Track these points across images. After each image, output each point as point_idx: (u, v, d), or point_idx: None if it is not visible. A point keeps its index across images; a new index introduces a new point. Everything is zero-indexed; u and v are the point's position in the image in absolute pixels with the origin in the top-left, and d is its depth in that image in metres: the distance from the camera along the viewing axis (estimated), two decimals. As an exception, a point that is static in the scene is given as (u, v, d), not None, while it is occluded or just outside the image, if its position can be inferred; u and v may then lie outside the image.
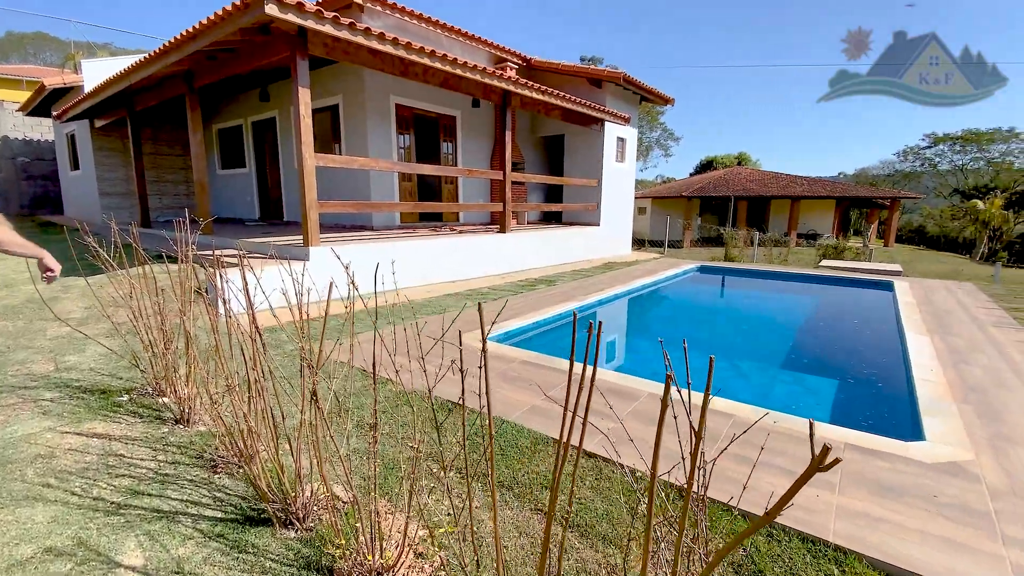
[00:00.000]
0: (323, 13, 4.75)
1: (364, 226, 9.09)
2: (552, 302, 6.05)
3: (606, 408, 3.00)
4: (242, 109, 11.50)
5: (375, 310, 2.06)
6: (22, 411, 2.86)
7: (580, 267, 9.59)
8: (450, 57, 6.17)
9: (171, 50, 5.85)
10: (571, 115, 9.74)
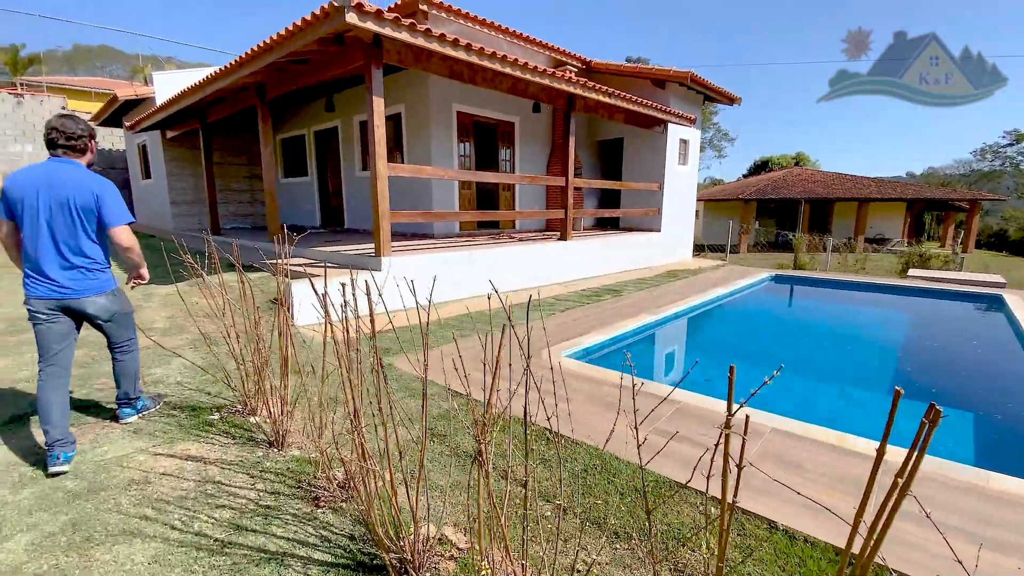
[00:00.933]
0: (400, 20, 4.66)
1: (425, 234, 9.05)
2: (624, 315, 5.74)
3: (732, 447, 2.69)
4: (305, 119, 11.78)
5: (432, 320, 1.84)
6: (111, 430, 2.83)
7: (642, 275, 9.19)
8: (520, 61, 5.99)
9: (247, 62, 5.94)
10: (634, 117, 9.39)
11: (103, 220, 2.56)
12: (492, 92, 9.23)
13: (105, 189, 2.56)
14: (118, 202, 2.60)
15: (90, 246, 2.57)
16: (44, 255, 2.47)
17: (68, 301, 2.54)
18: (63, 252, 2.50)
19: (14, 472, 2.39)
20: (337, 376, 2.37)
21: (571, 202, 8.13)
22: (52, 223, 2.46)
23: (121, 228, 2.60)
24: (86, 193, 2.50)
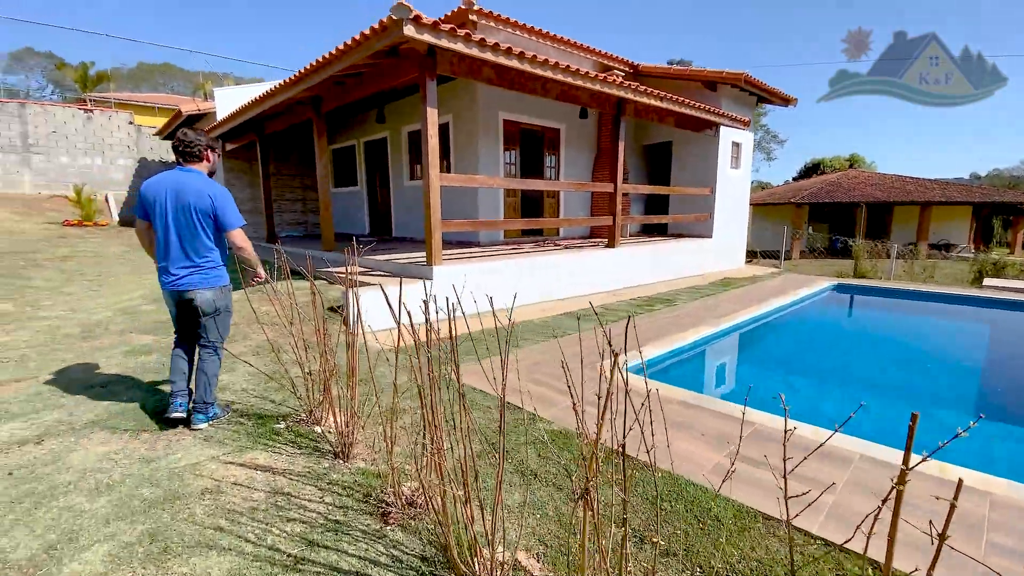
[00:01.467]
0: (456, 31, 4.68)
1: (470, 242, 9.08)
2: (680, 326, 5.52)
3: (817, 473, 2.50)
4: (356, 131, 12.12)
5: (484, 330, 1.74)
6: (183, 437, 2.91)
7: (694, 283, 8.89)
8: (572, 68, 5.91)
9: (305, 76, 6.13)
10: (685, 120, 9.13)
11: (220, 223, 2.87)
12: (539, 100, 9.19)
13: (221, 195, 2.87)
14: (232, 207, 2.90)
15: (207, 246, 2.89)
16: (171, 252, 2.84)
17: (183, 293, 2.88)
18: (186, 250, 2.85)
19: (91, 479, 2.48)
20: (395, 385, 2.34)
21: (620, 208, 7.96)
22: (177, 224, 2.81)
23: (236, 231, 2.92)
24: (204, 198, 2.81)
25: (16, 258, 8.31)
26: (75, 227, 12.62)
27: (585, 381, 3.78)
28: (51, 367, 3.98)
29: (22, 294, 6.19)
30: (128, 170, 16.21)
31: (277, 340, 4.59)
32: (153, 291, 6.42)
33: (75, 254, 9.20)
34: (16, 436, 2.89)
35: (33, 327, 4.92)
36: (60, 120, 15.03)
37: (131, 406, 3.31)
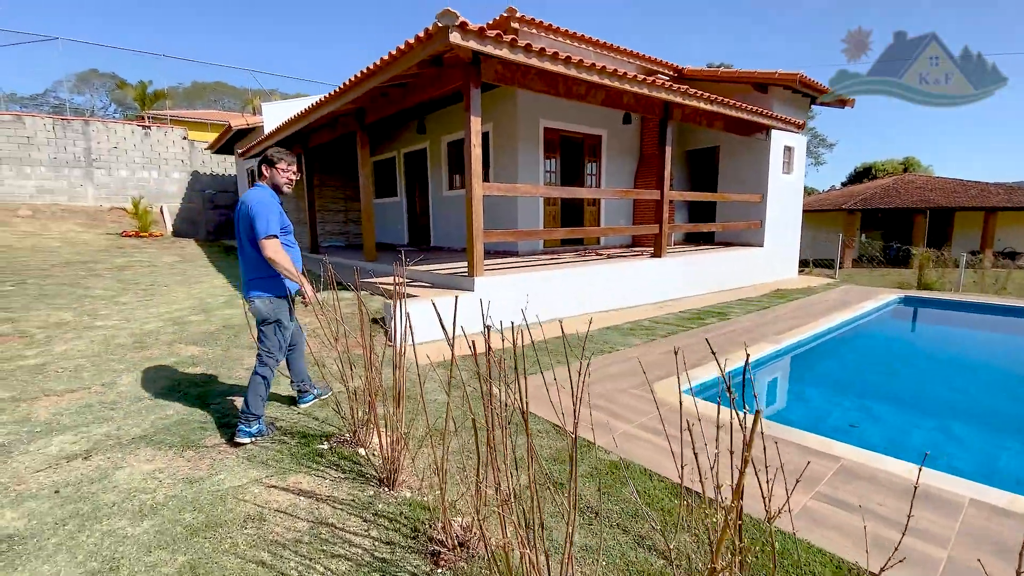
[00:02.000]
0: (502, 36, 4.55)
1: (509, 252, 8.93)
2: (738, 343, 5.17)
3: (921, 521, 2.17)
4: (396, 142, 12.23)
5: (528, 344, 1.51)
6: (227, 456, 2.82)
7: (745, 295, 8.43)
8: (620, 71, 5.69)
9: (350, 88, 6.14)
10: (735, 124, 8.73)
11: (253, 232, 2.89)
12: (579, 106, 9.01)
13: (253, 203, 2.89)
14: (263, 215, 2.86)
15: (254, 254, 2.95)
16: (240, 261, 3.08)
17: (246, 301, 3.03)
18: (243, 258, 3.04)
19: (135, 500, 2.40)
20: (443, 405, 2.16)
21: (667, 216, 7.63)
22: (238, 236, 3.04)
23: (263, 240, 2.85)
24: (244, 207, 2.92)
25: (78, 268, 8.70)
26: (132, 238, 13.23)
27: (637, 402, 3.51)
28: (103, 378, 4.03)
29: (81, 303, 6.41)
30: (181, 183, 16.95)
31: (320, 353, 4.53)
32: (201, 302, 6.53)
33: (131, 264, 9.58)
34: (65, 451, 2.88)
35: (89, 336, 5.04)
36: (120, 136, 15.88)
37: (176, 420, 3.27)
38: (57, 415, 3.36)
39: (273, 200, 2.98)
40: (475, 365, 1.91)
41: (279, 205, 3.03)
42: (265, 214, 2.85)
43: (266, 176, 3.06)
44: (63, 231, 13.18)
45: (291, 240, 3.13)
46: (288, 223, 3.10)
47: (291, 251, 3.06)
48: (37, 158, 14.66)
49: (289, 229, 3.11)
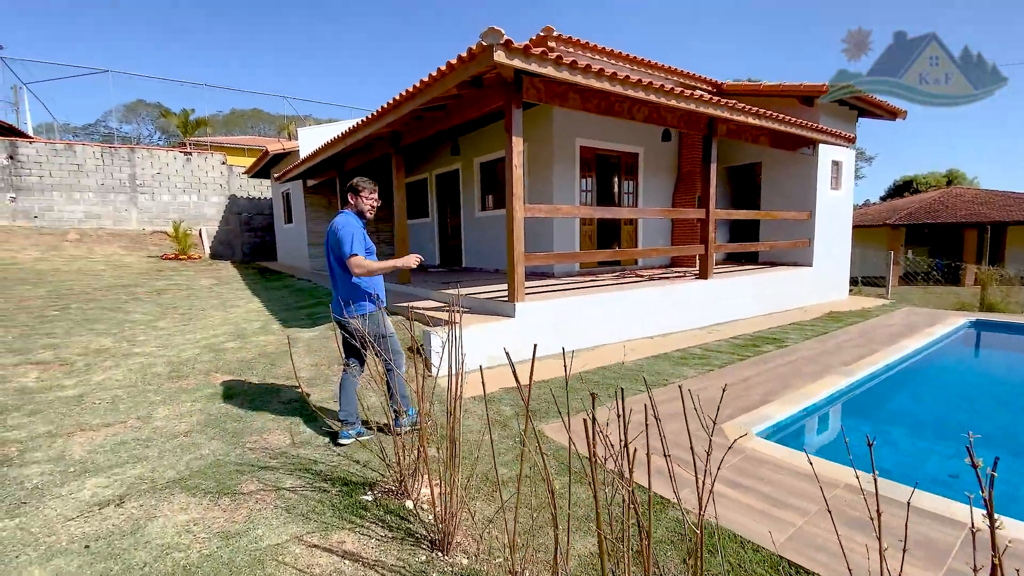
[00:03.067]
0: (546, 54, 4.37)
1: (544, 273, 8.67)
2: (804, 374, 4.75)
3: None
4: (429, 164, 12.24)
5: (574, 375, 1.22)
6: (265, 505, 2.60)
7: (796, 318, 7.93)
8: (666, 87, 5.45)
9: (387, 112, 6.07)
10: (782, 139, 8.36)
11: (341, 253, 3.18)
12: (615, 124, 8.80)
13: (339, 228, 3.19)
14: (347, 237, 3.14)
15: (342, 274, 3.25)
16: (332, 284, 3.39)
17: (339, 318, 3.26)
18: (336, 281, 3.32)
19: (168, 560, 2.19)
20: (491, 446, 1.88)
21: (712, 236, 7.27)
22: (328, 260, 3.31)
23: (348, 260, 3.14)
24: (332, 233, 3.22)
25: (120, 292, 8.84)
26: (172, 260, 13.53)
27: (706, 447, 3.15)
28: (139, 410, 3.91)
29: (121, 328, 6.43)
30: (219, 206, 17.38)
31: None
32: (237, 327, 6.47)
33: (170, 287, 9.70)
34: (98, 496, 2.71)
35: (127, 364, 4.98)
36: (163, 162, 16.43)
37: (211, 461, 3.09)
38: (92, 452, 3.22)
39: (357, 224, 3.26)
40: (520, 398, 1.62)
41: (363, 228, 3.31)
42: (349, 237, 3.15)
43: (351, 203, 3.36)
44: (107, 254, 13.58)
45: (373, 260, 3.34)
46: (371, 244, 3.35)
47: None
48: (86, 184, 15.26)
49: (372, 250, 3.34)
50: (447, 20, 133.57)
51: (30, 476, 2.93)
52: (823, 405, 4.11)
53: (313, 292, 8.87)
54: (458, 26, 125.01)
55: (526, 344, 5.29)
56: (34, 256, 12.26)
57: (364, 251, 3.19)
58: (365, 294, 3.25)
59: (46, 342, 5.70)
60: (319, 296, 8.32)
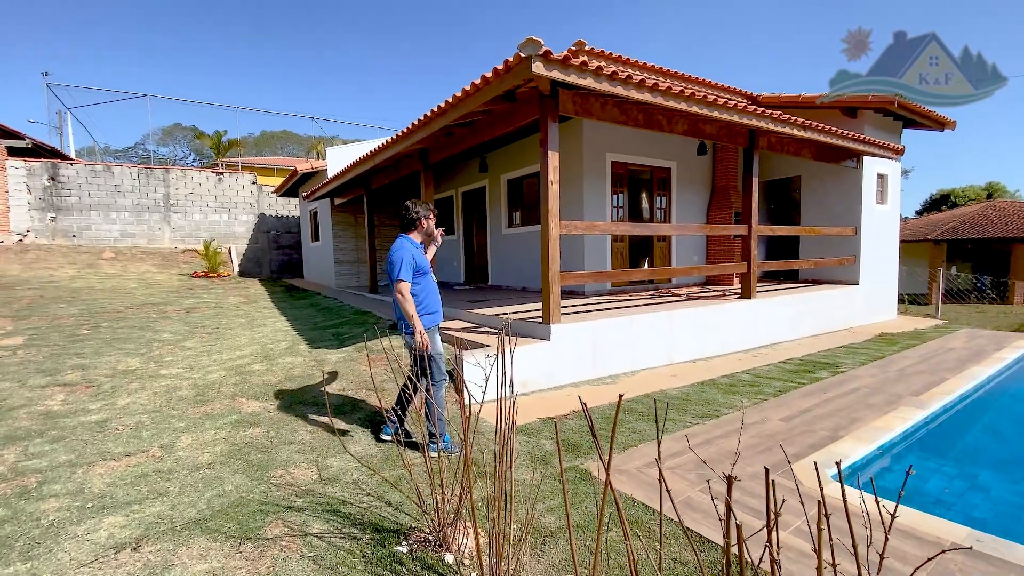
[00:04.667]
0: (586, 64, 4.17)
1: (574, 292, 8.38)
2: (872, 404, 4.33)
3: None
4: (454, 181, 12.16)
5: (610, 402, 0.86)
6: (290, 554, 2.36)
7: (845, 340, 7.44)
8: (709, 97, 5.18)
9: (418, 129, 5.94)
10: (824, 151, 7.97)
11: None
12: (648, 138, 8.55)
13: (395, 252, 3.37)
14: (399, 263, 3.31)
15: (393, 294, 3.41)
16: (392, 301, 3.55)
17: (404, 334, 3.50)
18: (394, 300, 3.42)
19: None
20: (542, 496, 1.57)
21: (754, 253, 6.89)
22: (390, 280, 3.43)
23: (394, 284, 3.32)
24: (389, 256, 3.43)
25: (150, 310, 8.88)
26: (202, 278, 13.69)
27: (777, 492, 2.78)
28: (162, 438, 3.74)
29: (149, 348, 6.37)
30: (249, 224, 17.66)
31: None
32: (263, 347, 6.35)
33: (199, 305, 9.73)
34: (115, 537, 2.51)
35: (153, 387, 4.86)
36: (196, 182, 16.81)
37: (234, 500, 2.87)
38: (112, 486, 3.05)
39: (410, 249, 3.40)
40: (556, 429, 1.35)
41: (418, 251, 3.48)
42: (399, 262, 3.32)
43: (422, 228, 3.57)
44: (140, 272, 13.83)
45: (428, 279, 3.54)
46: (423, 265, 3.47)
47: (426, 288, 3.49)
48: (122, 204, 15.68)
49: (425, 269, 3.49)
50: (472, 40, 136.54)
51: (47, 512, 2.76)
52: (899, 441, 3.69)
53: (339, 311, 8.75)
54: (482, 48, 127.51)
55: (561, 368, 5.01)
56: (71, 274, 12.53)
57: (412, 277, 3.37)
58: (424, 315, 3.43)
59: (75, 362, 5.66)
60: (345, 315, 8.19)
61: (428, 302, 3.48)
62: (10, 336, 6.65)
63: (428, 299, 3.48)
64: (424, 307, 3.44)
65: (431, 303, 3.50)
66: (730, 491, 1.04)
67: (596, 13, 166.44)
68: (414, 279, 3.39)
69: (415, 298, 3.38)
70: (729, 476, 0.99)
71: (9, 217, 14.20)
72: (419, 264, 3.42)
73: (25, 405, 4.37)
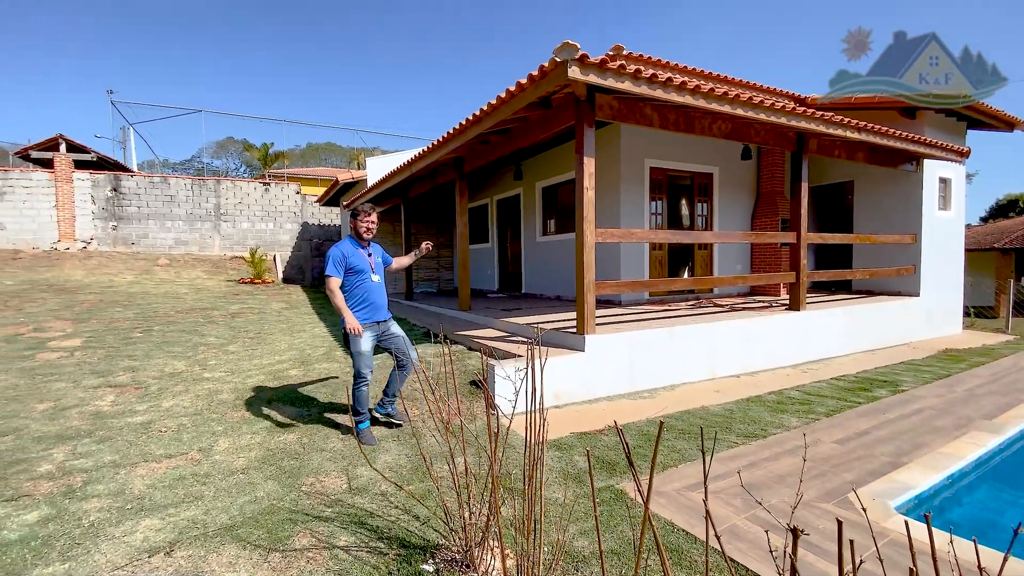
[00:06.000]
0: (624, 68, 4.05)
1: (610, 301, 8.18)
2: (936, 428, 3.97)
3: None
4: (489, 189, 12.18)
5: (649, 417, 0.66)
6: (316, 567, 2.31)
7: (904, 355, 6.93)
8: (755, 100, 4.95)
9: (452, 138, 5.96)
10: (880, 155, 7.51)
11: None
12: (688, 143, 8.30)
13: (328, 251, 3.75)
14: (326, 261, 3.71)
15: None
16: None
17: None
18: None
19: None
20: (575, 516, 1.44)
21: (803, 262, 6.53)
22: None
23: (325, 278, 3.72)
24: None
25: (198, 315, 9.25)
26: (247, 284, 14.20)
27: (834, 524, 2.53)
28: (201, 441, 3.82)
29: (195, 351, 6.59)
30: (293, 232, 18.26)
31: (420, 422, 4.04)
32: (301, 353, 6.46)
33: (243, 310, 10.06)
34: (149, 540, 2.55)
35: (196, 391, 5.00)
36: (245, 192, 17.54)
37: (265, 507, 2.87)
38: (151, 488, 3.11)
39: (341, 248, 3.71)
40: (597, 445, 1.21)
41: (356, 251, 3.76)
42: (327, 260, 3.69)
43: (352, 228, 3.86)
44: (192, 278, 14.48)
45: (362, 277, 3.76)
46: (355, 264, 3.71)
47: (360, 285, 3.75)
48: (177, 213, 16.52)
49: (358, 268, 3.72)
50: (503, 49, 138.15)
51: (88, 512, 2.83)
52: (971, 470, 3.35)
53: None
54: (514, 55, 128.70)
55: (596, 381, 4.85)
56: (128, 279, 13.25)
57: (341, 274, 3.67)
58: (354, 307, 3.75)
59: (127, 364, 5.91)
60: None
61: (359, 301, 3.74)
62: (69, 338, 7.04)
63: (359, 297, 3.74)
64: (354, 305, 3.72)
65: (362, 302, 3.74)
66: (795, 547, 0.89)
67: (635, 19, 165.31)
68: (346, 276, 3.68)
69: (348, 292, 3.70)
70: (795, 529, 0.85)
71: (75, 225, 15.19)
72: (351, 263, 3.68)
73: (78, 405, 4.57)
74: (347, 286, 3.72)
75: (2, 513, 2.81)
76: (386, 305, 3.91)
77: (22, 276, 12.51)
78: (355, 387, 3.80)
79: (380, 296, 3.83)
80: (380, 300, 3.83)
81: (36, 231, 14.82)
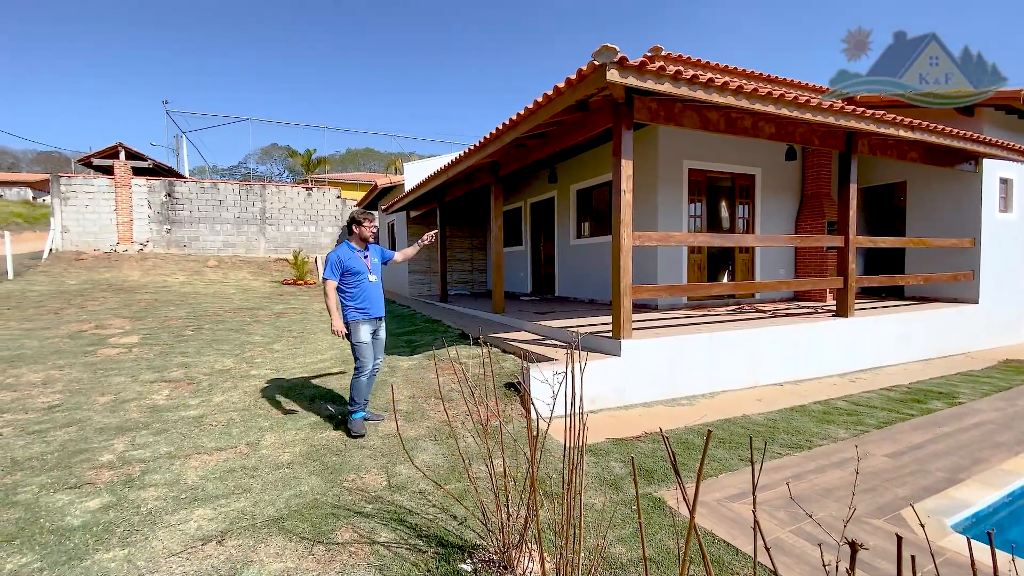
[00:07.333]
0: (664, 70, 4.00)
1: (646, 305, 8.06)
2: (995, 443, 3.74)
3: None
4: (523, 192, 12.22)
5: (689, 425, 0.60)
6: (358, 561, 2.38)
7: (961, 366, 6.55)
8: (801, 99, 4.80)
9: (489, 143, 6.02)
10: (937, 154, 7.15)
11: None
12: (728, 144, 8.10)
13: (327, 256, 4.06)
14: (324, 265, 4.06)
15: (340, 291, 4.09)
16: None
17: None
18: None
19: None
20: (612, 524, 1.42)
21: (851, 267, 6.27)
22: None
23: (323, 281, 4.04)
24: None
25: (245, 315, 9.65)
26: (290, 285, 14.71)
27: (889, 543, 2.43)
28: (249, 435, 3.99)
29: (243, 350, 6.88)
30: (333, 236, 18.82)
31: (458, 423, 4.10)
32: (342, 352, 6.64)
33: (287, 310, 10.44)
34: (202, 530, 2.68)
35: (244, 387, 5.22)
36: (288, 197, 18.19)
37: (310, 501, 2.97)
38: (204, 479, 3.27)
39: (339, 253, 4.03)
40: (633, 452, 1.20)
41: (353, 256, 4.05)
42: (325, 264, 4.03)
43: (354, 233, 4.16)
44: (239, 279, 15.12)
45: (360, 279, 4.04)
46: (352, 267, 4.01)
47: (358, 286, 4.04)
48: (225, 217, 17.29)
49: (355, 271, 4.02)
50: (538, 53, 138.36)
51: (146, 500, 3.00)
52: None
53: (412, 319, 9.02)
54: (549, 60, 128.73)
55: (633, 386, 4.79)
56: (181, 280, 13.95)
57: (338, 277, 4.00)
58: (346, 306, 4.03)
59: (180, 360, 6.23)
60: (417, 323, 8.42)
61: (358, 299, 4.03)
62: (127, 335, 7.47)
63: (358, 296, 4.03)
64: (354, 303, 4.02)
65: (361, 300, 4.04)
66: (854, 562, 0.87)
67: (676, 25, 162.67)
68: (343, 279, 4.00)
69: (346, 294, 4.01)
70: (853, 543, 0.83)
71: (132, 228, 16.12)
72: (348, 266, 3.99)
73: (136, 399, 4.85)
74: (347, 286, 4.02)
75: (66, 500, 3.01)
76: (382, 303, 4.23)
77: (84, 276, 13.36)
78: (355, 376, 4.05)
79: (377, 295, 4.16)
80: (377, 298, 4.15)
81: (97, 234, 15.80)
